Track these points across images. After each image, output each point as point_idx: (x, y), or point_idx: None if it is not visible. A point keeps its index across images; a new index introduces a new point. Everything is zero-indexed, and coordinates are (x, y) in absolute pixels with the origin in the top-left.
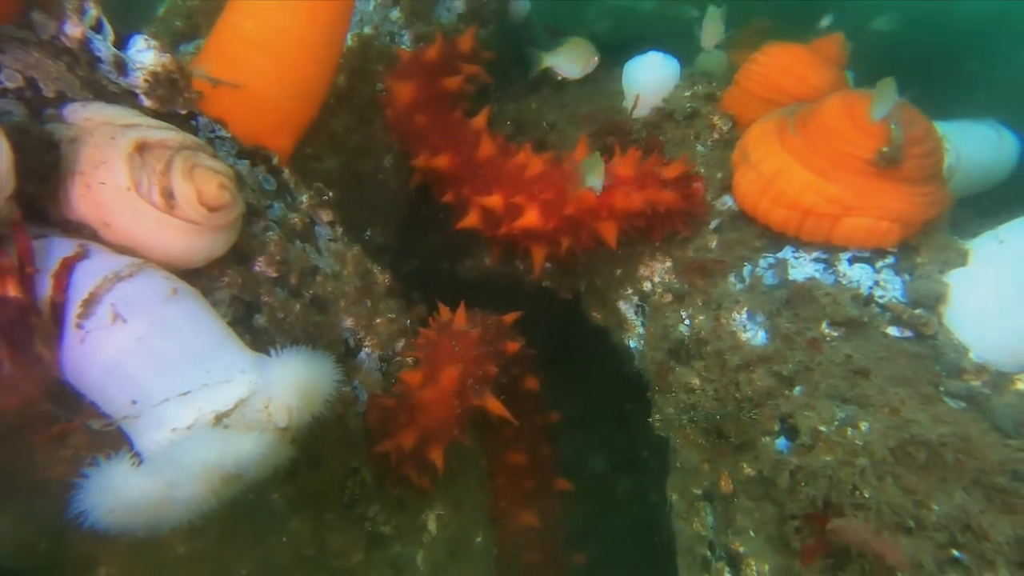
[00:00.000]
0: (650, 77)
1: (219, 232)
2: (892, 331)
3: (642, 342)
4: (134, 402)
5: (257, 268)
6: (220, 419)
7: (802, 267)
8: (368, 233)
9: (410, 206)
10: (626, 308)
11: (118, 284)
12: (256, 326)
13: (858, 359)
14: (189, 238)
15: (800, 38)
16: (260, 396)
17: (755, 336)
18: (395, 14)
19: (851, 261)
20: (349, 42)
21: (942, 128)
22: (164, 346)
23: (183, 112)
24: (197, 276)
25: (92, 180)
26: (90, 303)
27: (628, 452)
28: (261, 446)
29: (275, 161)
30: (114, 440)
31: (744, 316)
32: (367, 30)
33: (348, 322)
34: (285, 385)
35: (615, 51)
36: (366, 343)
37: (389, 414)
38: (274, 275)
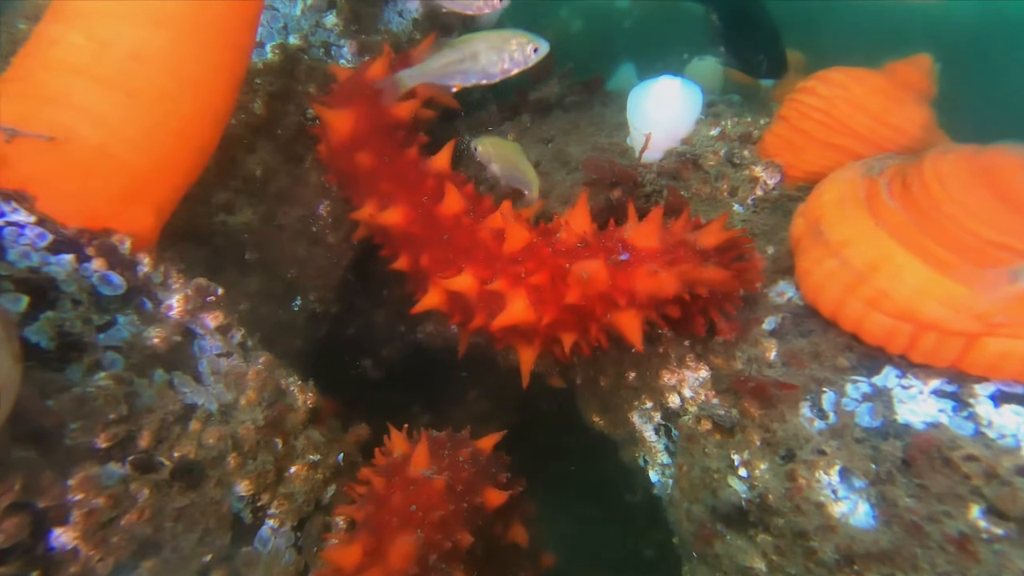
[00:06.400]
0: (664, 110)
1: None
2: None
3: (668, 478)
4: None
5: (69, 443)
6: None
7: (917, 404)
8: (298, 302)
9: (354, 260)
10: (642, 423)
11: None
12: (53, 554)
13: None
14: None
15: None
16: None
17: (854, 511)
18: (331, 19)
19: (996, 400)
20: (269, 56)
21: None
22: None
23: None
24: None
25: None
26: None
27: None
28: None
29: (125, 248)
30: None
31: (836, 478)
32: (293, 40)
33: (241, 487)
34: None
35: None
36: (271, 511)
37: None
38: (103, 446)
